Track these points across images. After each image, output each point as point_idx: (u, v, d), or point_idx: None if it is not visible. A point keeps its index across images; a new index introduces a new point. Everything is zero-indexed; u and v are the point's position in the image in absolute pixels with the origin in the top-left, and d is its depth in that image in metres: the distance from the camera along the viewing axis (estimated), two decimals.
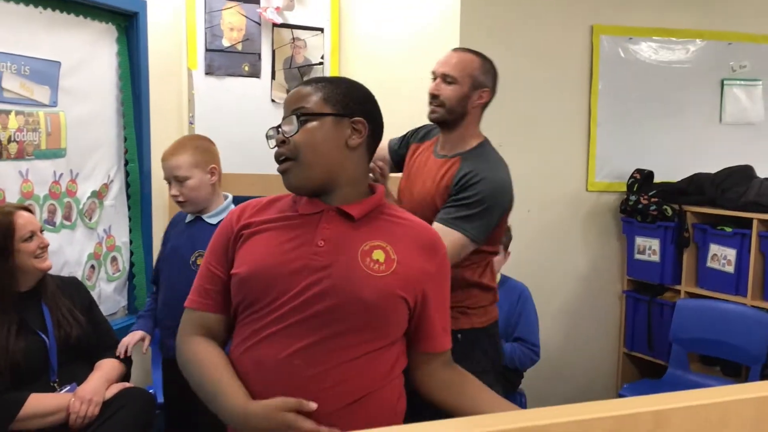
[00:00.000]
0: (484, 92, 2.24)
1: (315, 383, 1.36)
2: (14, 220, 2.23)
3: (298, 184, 1.47)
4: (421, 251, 1.49)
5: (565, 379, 3.85)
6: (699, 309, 3.45)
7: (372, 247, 1.43)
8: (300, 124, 1.45)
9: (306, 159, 1.44)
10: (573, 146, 3.78)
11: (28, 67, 2.69)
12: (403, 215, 1.56)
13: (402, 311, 1.46)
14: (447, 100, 2.21)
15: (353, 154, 1.49)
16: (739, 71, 3.97)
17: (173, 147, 2.45)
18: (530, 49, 3.67)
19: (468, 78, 2.20)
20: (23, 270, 2.25)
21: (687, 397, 0.76)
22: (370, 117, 1.52)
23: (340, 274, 1.40)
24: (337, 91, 1.49)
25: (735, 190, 3.43)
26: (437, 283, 1.52)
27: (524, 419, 0.70)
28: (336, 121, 1.47)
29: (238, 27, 3.61)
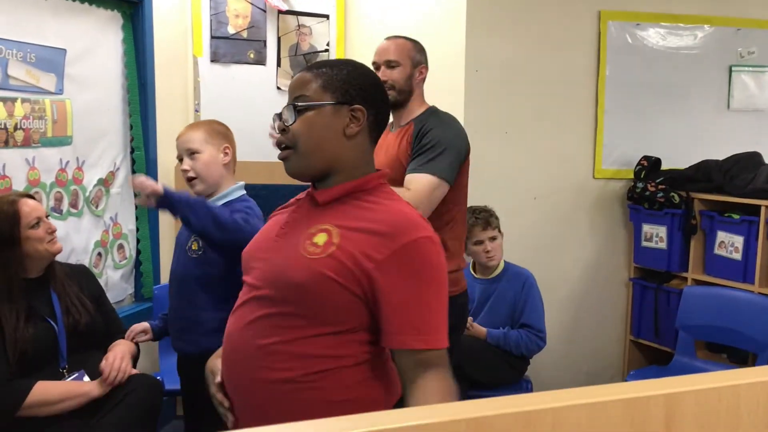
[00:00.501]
0: (423, 68, 2.52)
1: (260, 354, 1.43)
2: (19, 208, 2.23)
3: (296, 172, 1.50)
4: (372, 237, 1.40)
5: (571, 367, 3.85)
6: (706, 296, 3.44)
7: (318, 230, 1.44)
8: (298, 113, 1.46)
9: (304, 148, 1.47)
10: (580, 133, 3.77)
11: (34, 54, 2.69)
12: (382, 200, 1.49)
13: (340, 297, 1.39)
14: (395, 82, 2.44)
15: (351, 142, 1.49)
16: (748, 57, 3.94)
17: (189, 125, 2.47)
18: (537, 35, 3.65)
19: (407, 59, 2.46)
20: (33, 257, 2.26)
21: (699, 381, 0.76)
22: (371, 103, 1.50)
23: (279, 258, 1.46)
24: (337, 77, 1.48)
25: (743, 177, 3.41)
26: (390, 273, 1.38)
27: (534, 402, 0.70)
28: (334, 109, 1.47)
29: (244, 14, 3.60)
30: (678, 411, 0.74)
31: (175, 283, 2.32)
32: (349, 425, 0.63)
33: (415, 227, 1.42)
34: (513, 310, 3.18)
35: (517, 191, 3.66)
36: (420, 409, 0.67)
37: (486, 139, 3.44)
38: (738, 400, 0.77)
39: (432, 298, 1.42)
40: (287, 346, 1.41)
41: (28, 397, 2.11)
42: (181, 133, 2.37)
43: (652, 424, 0.73)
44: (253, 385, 1.45)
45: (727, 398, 0.76)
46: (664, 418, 0.73)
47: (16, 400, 2.10)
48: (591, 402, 0.70)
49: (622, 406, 0.72)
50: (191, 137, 2.31)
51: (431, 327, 1.41)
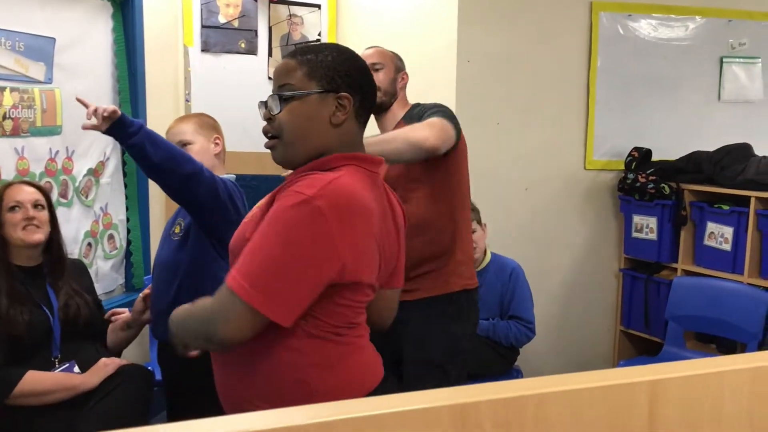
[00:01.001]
0: (404, 74, 2.52)
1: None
2: (6, 191, 2.25)
3: (283, 161, 1.51)
4: (271, 197, 1.47)
5: (561, 357, 3.86)
6: (695, 287, 3.46)
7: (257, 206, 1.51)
8: (283, 102, 1.45)
9: (289, 137, 1.46)
10: (571, 124, 3.77)
11: (23, 43, 2.67)
12: (320, 174, 1.43)
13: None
14: (381, 84, 2.40)
15: (338, 130, 1.48)
16: (739, 49, 3.95)
17: (178, 118, 2.47)
18: (529, 26, 3.65)
19: (390, 63, 2.48)
20: (11, 242, 2.26)
21: (683, 368, 0.76)
22: (357, 88, 1.49)
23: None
24: (322, 64, 1.46)
25: (733, 168, 3.43)
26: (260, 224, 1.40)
27: (517, 389, 0.70)
28: (320, 97, 1.46)
29: (235, 3, 3.58)
30: (662, 398, 0.74)
31: (157, 268, 2.32)
32: (328, 412, 0.63)
33: (303, 186, 1.36)
34: (501, 302, 3.19)
35: (509, 182, 3.66)
36: (401, 396, 0.67)
37: (477, 130, 3.43)
38: (722, 387, 0.77)
39: (267, 248, 1.35)
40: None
41: (18, 385, 2.10)
42: (170, 126, 2.38)
43: (636, 410, 0.73)
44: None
45: (711, 385, 0.77)
46: (648, 405, 0.74)
47: (6, 388, 2.10)
48: (574, 388, 0.71)
49: (605, 392, 0.72)
50: (182, 129, 2.32)
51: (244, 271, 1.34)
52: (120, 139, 1.99)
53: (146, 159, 1.96)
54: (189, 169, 2.00)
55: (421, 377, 2.37)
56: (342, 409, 0.65)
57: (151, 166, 1.98)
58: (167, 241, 2.30)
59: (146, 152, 1.95)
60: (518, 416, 0.69)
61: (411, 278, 2.20)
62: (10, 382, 2.10)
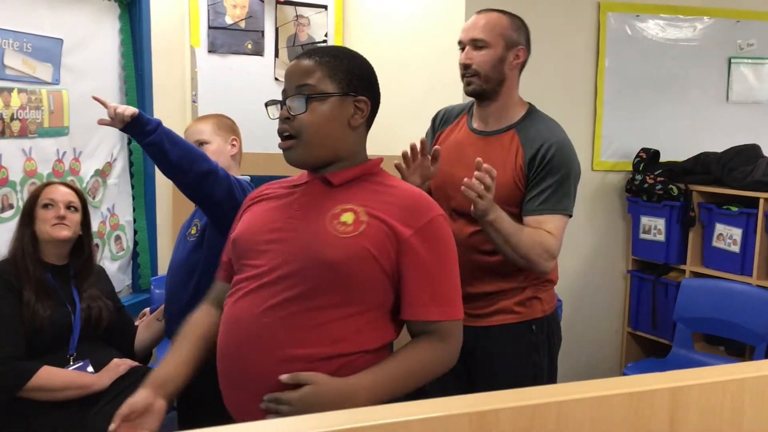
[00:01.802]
0: (520, 50, 2.07)
1: (282, 342, 1.41)
2: (44, 189, 2.33)
3: (299, 161, 1.52)
4: (398, 213, 1.45)
5: (568, 358, 3.84)
6: (704, 289, 3.44)
7: (343, 210, 1.46)
8: (307, 103, 1.46)
9: (309, 138, 1.47)
10: (579, 125, 3.75)
11: (30, 44, 2.67)
12: (392, 182, 1.53)
13: (372, 272, 1.42)
14: (481, 67, 2.02)
15: (354, 132, 1.52)
16: (747, 49, 3.93)
17: (198, 118, 2.49)
18: (536, 27, 3.60)
19: (500, 38, 2.03)
20: (41, 238, 2.29)
21: (704, 374, 0.76)
22: (372, 93, 1.54)
23: (305, 238, 1.45)
24: (340, 67, 1.49)
25: (741, 170, 3.41)
26: (417, 247, 1.44)
27: (539, 396, 0.69)
28: (340, 100, 1.48)
29: (241, 4, 3.58)
30: (683, 404, 0.73)
31: (172, 269, 2.32)
32: (356, 418, 0.63)
33: (433, 206, 1.50)
34: None
35: None
36: (425, 403, 0.67)
37: None
38: (742, 393, 0.76)
39: (452, 272, 1.49)
40: (315, 325, 1.41)
41: (32, 379, 2.11)
42: (189, 125, 2.41)
43: (656, 417, 0.73)
44: (275, 365, 1.40)
45: (731, 392, 0.76)
46: (669, 412, 0.73)
47: (20, 379, 2.10)
48: (596, 396, 0.70)
49: (626, 399, 0.71)
50: (200, 128, 2.35)
51: (450, 299, 1.48)
52: (138, 138, 1.99)
53: (164, 157, 1.96)
54: (205, 168, 2.00)
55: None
56: (365, 416, 0.64)
57: (169, 164, 1.98)
58: (183, 242, 2.29)
59: (164, 150, 1.95)
60: (539, 423, 0.69)
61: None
62: (25, 375, 2.11)
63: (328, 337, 1.41)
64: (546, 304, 2.17)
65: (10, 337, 2.13)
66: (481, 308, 2.11)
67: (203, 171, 2.00)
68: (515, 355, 2.11)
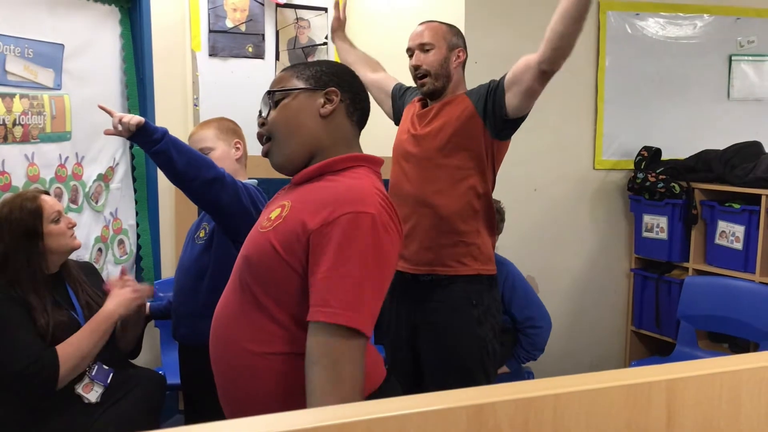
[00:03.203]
0: (460, 51, 2.41)
1: (233, 338, 1.45)
2: (41, 203, 2.23)
3: (279, 162, 1.52)
4: (315, 208, 1.36)
5: (573, 358, 3.85)
6: (707, 286, 3.44)
7: (276, 207, 1.47)
8: (274, 103, 1.50)
9: (281, 135, 1.49)
10: (580, 124, 3.76)
11: (32, 50, 2.68)
12: (343, 179, 1.44)
13: (279, 268, 1.37)
14: (430, 66, 2.35)
15: (329, 124, 1.50)
16: (747, 47, 3.93)
17: (200, 123, 2.49)
18: (535, 26, 3.61)
19: (443, 41, 2.37)
20: (54, 251, 2.25)
21: (700, 366, 0.76)
22: (345, 86, 1.52)
23: (249, 237, 1.50)
24: (311, 69, 1.53)
25: (743, 167, 3.41)
26: (319, 243, 1.32)
27: (536, 389, 0.70)
28: (308, 94, 1.49)
29: (242, 7, 3.59)
30: (679, 397, 0.74)
31: (180, 272, 2.33)
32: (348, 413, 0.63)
33: (356, 201, 1.36)
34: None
35: (518, 183, 3.65)
36: (419, 397, 0.67)
37: None
38: (739, 385, 0.77)
39: (352, 273, 1.30)
40: (251, 322, 1.43)
41: (60, 363, 2.09)
42: (192, 132, 2.41)
43: (653, 410, 0.73)
44: (229, 361, 1.47)
45: (728, 384, 0.76)
46: (666, 404, 0.73)
47: (52, 369, 2.08)
48: (592, 388, 0.70)
49: (623, 392, 0.72)
50: (203, 135, 2.35)
51: (340, 301, 1.29)
52: (145, 147, 2.00)
53: (171, 165, 1.98)
54: (212, 175, 2.02)
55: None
56: (361, 411, 0.65)
57: (176, 172, 1.99)
58: (191, 245, 2.30)
59: (171, 158, 1.96)
60: (536, 417, 0.69)
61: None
62: (53, 363, 2.09)
63: (267, 335, 1.41)
64: (481, 264, 2.37)
65: (31, 337, 2.10)
66: (419, 258, 2.36)
67: (210, 178, 2.01)
68: (459, 328, 2.34)
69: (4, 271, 2.17)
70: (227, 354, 1.46)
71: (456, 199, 2.33)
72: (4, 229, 2.17)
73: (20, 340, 2.08)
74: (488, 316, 2.38)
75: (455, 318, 2.35)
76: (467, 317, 2.34)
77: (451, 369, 2.36)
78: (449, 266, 2.35)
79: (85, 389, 2.21)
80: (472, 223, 2.36)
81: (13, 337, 2.09)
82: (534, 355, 3.15)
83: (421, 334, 2.42)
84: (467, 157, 2.33)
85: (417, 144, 2.39)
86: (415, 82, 2.44)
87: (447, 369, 2.37)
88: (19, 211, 2.18)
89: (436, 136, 2.35)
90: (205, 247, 2.22)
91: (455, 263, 2.35)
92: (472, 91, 2.40)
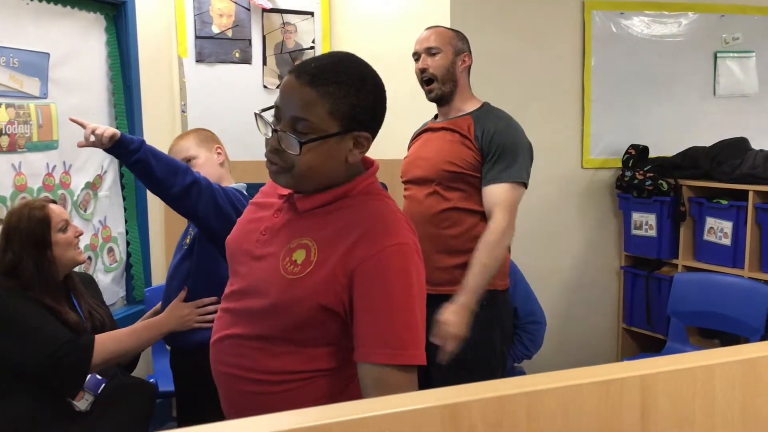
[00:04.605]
0: (466, 56, 2.43)
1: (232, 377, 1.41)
2: (48, 212, 2.21)
3: (289, 187, 1.41)
4: (350, 244, 1.31)
5: (564, 356, 3.86)
6: (697, 282, 3.45)
7: (298, 246, 1.35)
8: (299, 138, 1.31)
9: (300, 173, 1.34)
10: (567, 124, 3.77)
11: (17, 59, 2.68)
12: (363, 205, 1.38)
13: (318, 315, 1.32)
14: (437, 70, 2.38)
15: (350, 166, 1.39)
16: (732, 43, 3.96)
17: (178, 136, 2.50)
18: (521, 26, 3.66)
19: (449, 45, 2.39)
20: (60, 261, 2.22)
21: (673, 361, 0.77)
22: (376, 126, 1.40)
23: (260, 274, 1.39)
24: (345, 100, 1.32)
25: (730, 163, 3.43)
26: (361, 283, 1.30)
27: (509, 387, 0.70)
28: (340, 137, 1.34)
29: (228, 13, 3.59)
30: (653, 392, 0.74)
31: (168, 278, 2.35)
32: (321, 415, 0.64)
33: (392, 233, 1.32)
34: None
35: None
36: (396, 398, 0.68)
37: None
38: (713, 379, 0.77)
39: (403, 308, 1.30)
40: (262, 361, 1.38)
41: (94, 351, 2.09)
42: (171, 145, 2.42)
43: (627, 405, 0.74)
44: (226, 381, 1.44)
45: (701, 378, 0.77)
46: (640, 399, 0.74)
47: (85, 353, 2.08)
48: (566, 385, 0.71)
49: (596, 388, 0.72)
50: (183, 146, 2.37)
51: (396, 341, 1.28)
52: (122, 158, 2.01)
53: (150, 173, 1.99)
54: (189, 179, 2.03)
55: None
56: (334, 413, 0.65)
57: (155, 179, 2.00)
58: (179, 251, 2.34)
59: (151, 166, 1.97)
60: (510, 415, 0.70)
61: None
62: (88, 348, 2.09)
63: (276, 369, 1.37)
64: (497, 280, 2.36)
65: (57, 326, 2.09)
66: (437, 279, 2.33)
67: (188, 183, 2.02)
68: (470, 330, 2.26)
69: (16, 278, 2.15)
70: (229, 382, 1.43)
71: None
72: (13, 237, 2.16)
73: (46, 329, 2.07)
74: (499, 318, 2.39)
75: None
76: (477, 318, 2.33)
77: (458, 369, 2.36)
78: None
79: (75, 397, 2.21)
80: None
81: (37, 327, 2.07)
82: (531, 353, 3.14)
83: (429, 334, 2.39)
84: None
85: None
86: (422, 86, 2.47)
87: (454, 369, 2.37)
88: (27, 221, 2.16)
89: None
90: (187, 252, 2.25)
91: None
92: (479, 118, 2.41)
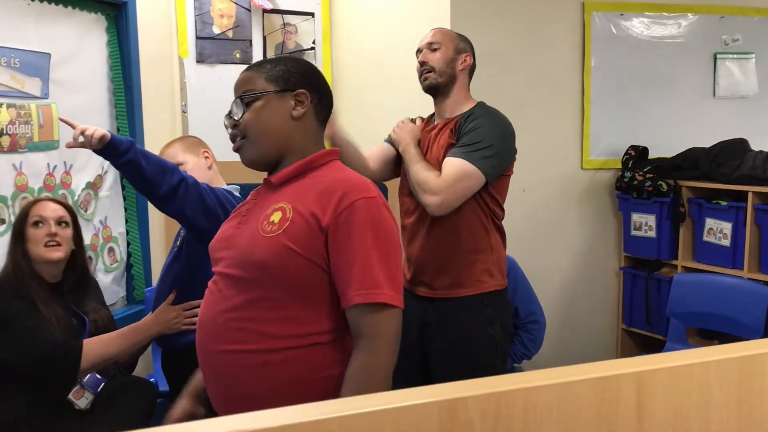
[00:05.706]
0: (467, 56, 2.42)
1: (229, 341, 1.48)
2: (32, 206, 2.27)
3: (251, 159, 1.58)
4: (319, 202, 1.46)
5: (563, 357, 3.86)
6: (696, 283, 3.46)
7: (273, 210, 1.50)
8: (246, 105, 1.56)
9: (254, 135, 1.56)
10: (567, 125, 3.78)
11: (18, 59, 2.68)
12: (330, 173, 1.56)
13: (300, 268, 1.45)
14: (436, 63, 2.38)
15: (300, 124, 1.58)
16: (732, 45, 3.96)
17: (165, 145, 2.51)
18: (521, 27, 3.66)
19: (450, 42, 2.40)
20: (35, 259, 2.25)
21: (669, 359, 0.77)
22: (313, 88, 1.60)
23: (242, 243, 1.52)
24: (278, 69, 1.59)
25: (729, 164, 3.44)
26: (336, 234, 1.44)
27: (506, 383, 0.71)
28: (279, 96, 1.56)
29: (228, 14, 3.60)
30: (649, 389, 0.75)
31: (159, 280, 2.38)
32: (320, 411, 0.64)
33: (360, 189, 1.48)
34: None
35: None
36: (390, 394, 0.68)
37: None
38: (708, 376, 0.78)
39: (375, 255, 1.43)
40: (260, 327, 1.46)
41: (82, 356, 2.11)
42: (159, 153, 2.42)
43: (623, 402, 0.74)
44: (224, 361, 1.49)
45: (698, 375, 0.78)
46: (635, 396, 0.74)
47: (74, 357, 2.10)
48: (562, 382, 0.72)
49: (593, 385, 0.73)
50: (170, 153, 2.40)
51: (373, 281, 1.42)
52: (114, 159, 2.01)
53: (140, 174, 2.00)
54: (177, 178, 2.05)
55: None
56: (333, 408, 0.66)
57: (145, 180, 2.02)
58: (171, 253, 2.37)
59: (141, 166, 1.99)
60: (507, 411, 0.70)
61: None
62: (76, 353, 2.11)
63: (274, 334, 1.46)
64: (496, 280, 2.39)
65: (47, 329, 2.12)
66: (438, 281, 2.37)
67: (175, 182, 2.04)
68: (471, 326, 2.34)
69: (13, 269, 2.22)
70: (229, 360, 1.48)
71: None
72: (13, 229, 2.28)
73: (38, 330, 2.10)
74: (499, 315, 2.40)
75: (467, 316, 2.36)
76: (479, 315, 2.36)
77: (459, 367, 2.36)
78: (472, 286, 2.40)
79: (75, 395, 2.22)
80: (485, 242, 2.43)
81: (30, 327, 2.10)
82: (531, 353, 3.15)
83: (431, 331, 2.42)
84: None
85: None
86: (420, 77, 2.46)
87: (455, 367, 2.37)
88: (19, 211, 2.29)
89: None
90: (177, 255, 2.27)
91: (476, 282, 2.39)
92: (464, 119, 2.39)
